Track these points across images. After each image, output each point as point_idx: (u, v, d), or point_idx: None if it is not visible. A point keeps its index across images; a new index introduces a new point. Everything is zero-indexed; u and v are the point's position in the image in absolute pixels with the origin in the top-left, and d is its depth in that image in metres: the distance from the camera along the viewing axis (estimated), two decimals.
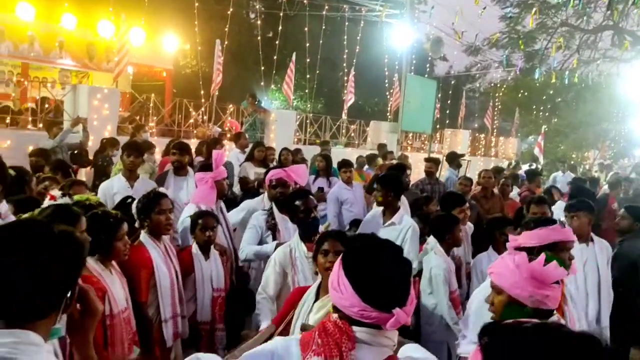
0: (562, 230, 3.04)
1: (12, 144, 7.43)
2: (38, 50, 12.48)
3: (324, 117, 15.56)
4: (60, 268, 1.37)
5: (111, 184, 5.41)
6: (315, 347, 1.58)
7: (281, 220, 4.43)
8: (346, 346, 1.55)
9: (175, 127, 11.88)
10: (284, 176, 4.61)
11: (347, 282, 1.60)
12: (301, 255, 3.57)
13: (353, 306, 1.57)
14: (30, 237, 1.36)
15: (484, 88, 29.95)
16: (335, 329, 1.59)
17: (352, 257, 1.66)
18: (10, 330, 1.30)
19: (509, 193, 8.07)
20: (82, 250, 1.46)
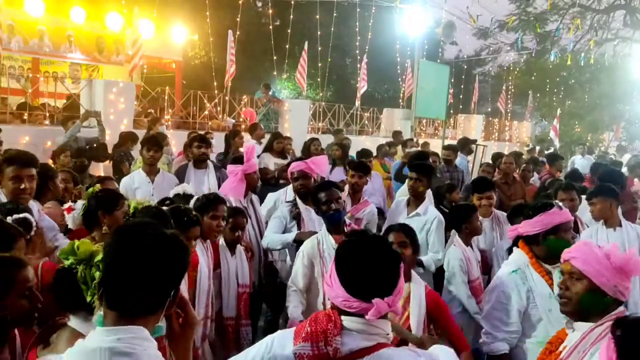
0: (560, 212, 3.06)
1: (30, 140, 7.42)
2: (48, 45, 12.44)
3: (337, 105, 15.43)
4: (170, 268, 1.50)
5: (132, 179, 5.46)
6: (304, 334, 1.72)
7: (305, 211, 4.48)
8: (331, 332, 1.68)
9: (190, 119, 11.82)
10: (305, 168, 4.62)
11: (336, 275, 1.75)
12: (329, 248, 3.56)
13: (338, 297, 1.73)
14: (148, 238, 1.49)
15: (496, 71, 29.66)
16: (324, 318, 1.73)
17: (341, 252, 1.81)
18: (127, 326, 1.41)
19: (530, 178, 7.96)
20: (188, 254, 1.58)
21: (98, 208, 3.14)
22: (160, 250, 1.48)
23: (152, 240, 1.49)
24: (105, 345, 1.37)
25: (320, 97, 19.01)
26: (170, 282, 1.51)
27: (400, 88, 18.48)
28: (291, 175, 4.67)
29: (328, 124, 14.95)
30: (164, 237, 1.52)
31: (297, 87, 19.80)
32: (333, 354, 1.66)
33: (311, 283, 3.58)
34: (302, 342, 1.70)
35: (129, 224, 1.70)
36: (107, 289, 1.45)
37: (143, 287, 1.44)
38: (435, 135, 17.63)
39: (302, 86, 14.27)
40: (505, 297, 2.96)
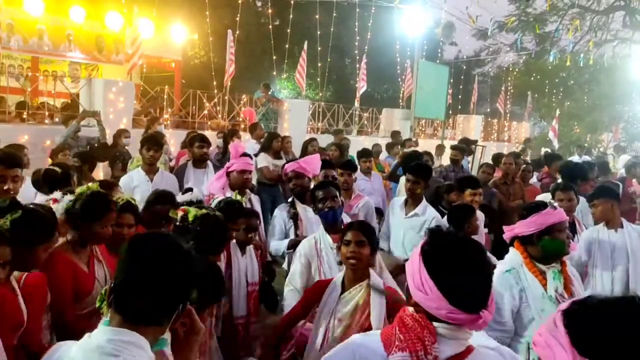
0: (554, 212, 3.05)
1: (30, 139, 7.43)
2: (48, 44, 12.44)
3: (336, 105, 15.44)
4: (183, 281, 1.51)
5: (131, 178, 5.44)
6: (399, 343, 1.61)
7: (302, 210, 4.52)
8: (429, 340, 1.58)
9: (190, 118, 11.83)
10: (297, 168, 4.67)
11: (433, 284, 1.60)
12: (326, 246, 3.59)
13: (441, 308, 1.58)
14: (163, 251, 1.51)
15: (495, 72, 29.65)
16: (415, 324, 1.62)
17: (437, 258, 1.64)
18: (122, 329, 1.42)
19: (530, 179, 7.97)
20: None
21: (90, 214, 3.00)
22: (173, 265, 1.49)
23: (167, 253, 1.50)
24: (96, 343, 1.41)
25: (319, 97, 19.01)
26: (179, 297, 1.52)
27: (399, 88, 18.49)
28: (285, 176, 4.74)
29: (327, 124, 14.96)
30: (179, 253, 1.53)
31: (296, 87, 19.80)
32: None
33: (309, 282, 3.58)
34: (399, 352, 1.60)
35: (148, 235, 1.68)
36: (117, 292, 1.47)
37: (150, 298, 1.45)
38: (435, 136, 17.66)
39: (302, 86, 14.28)
40: (499, 297, 2.97)
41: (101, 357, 1.37)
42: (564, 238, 3.02)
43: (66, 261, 2.94)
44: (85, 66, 14.39)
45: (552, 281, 2.90)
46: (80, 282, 2.97)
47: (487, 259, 1.67)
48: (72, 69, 14.12)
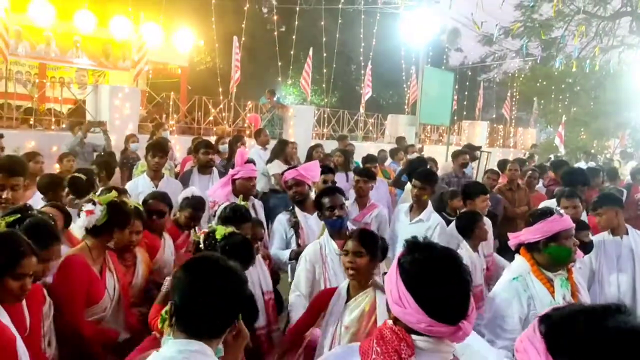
0: (561, 219, 3.03)
1: (36, 145, 7.47)
2: (55, 50, 12.52)
3: (341, 111, 15.45)
4: (238, 298, 1.71)
5: (136, 184, 5.43)
6: (375, 355, 1.60)
7: (303, 218, 4.51)
8: (406, 353, 1.57)
9: (195, 124, 11.87)
10: (297, 175, 4.63)
11: (410, 297, 1.59)
12: (331, 252, 3.58)
13: (420, 322, 1.57)
14: (222, 272, 1.71)
15: (500, 78, 29.60)
16: (393, 336, 1.60)
17: (413, 270, 1.63)
18: (190, 340, 1.60)
19: (536, 185, 7.94)
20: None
21: (115, 223, 3.11)
22: (229, 285, 1.68)
23: (223, 275, 1.70)
24: (168, 354, 1.59)
25: (324, 103, 19.04)
26: (234, 313, 1.71)
27: (404, 94, 18.50)
28: (285, 183, 4.69)
29: (332, 129, 14.97)
30: (232, 273, 1.73)
31: (301, 93, 19.83)
32: None
33: (314, 288, 3.58)
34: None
35: (203, 258, 1.84)
36: (179, 314, 1.63)
37: (212, 316, 1.64)
38: (440, 142, 17.63)
39: (307, 92, 14.31)
40: (506, 305, 2.95)
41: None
42: (571, 245, 3.00)
43: (84, 266, 2.96)
44: (92, 72, 14.47)
45: (559, 289, 2.88)
46: (94, 288, 3.00)
47: (464, 269, 1.65)
48: (79, 76, 14.19)
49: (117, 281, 3.16)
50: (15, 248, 2.16)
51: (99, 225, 3.04)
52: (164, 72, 15.56)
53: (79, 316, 2.92)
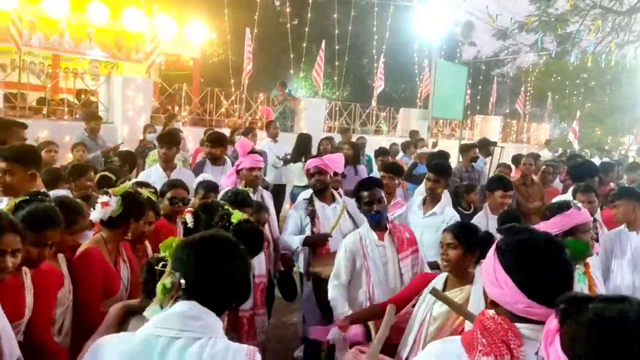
0: (578, 213, 3.00)
1: (49, 135, 7.49)
2: (68, 42, 12.57)
3: (353, 104, 15.39)
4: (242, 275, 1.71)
5: (149, 174, 5.43)
6: (482, 347, 1.54)
7: (320, 208, 4.51)
8: (514, 343, 1.51)
9: (207, 116, 11.87)
10: (321, 164, 4.61)
11: (509, 279, 1.56)
12: (371, 243, 3.58)
13: (518, 303, 1.54)
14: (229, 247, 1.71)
15: (514, 73, 29.36)
16: (498, 327, 1.55)
17: (511, 253, 1.61)
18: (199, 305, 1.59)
19: (550, 181, 7.84)
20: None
21: (130, 214, 3.11)
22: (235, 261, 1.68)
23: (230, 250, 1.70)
24: (178, 310, 1.58)
25: (336, 96, 18.97)
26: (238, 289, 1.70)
27: (417, 88, 18.38)
28: (307, 171, 4.68)
29: (345, 122, 14.92)
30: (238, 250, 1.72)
31: (313, 86, 19.78)
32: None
33: (353, 277, 3.59)
34: (483, 357, 1.53)
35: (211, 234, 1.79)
36: (188, 285, 1.61)
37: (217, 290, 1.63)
38: (452, 136, 17.51)
39: (319, 85, 14.25)
40: None
41: (185, 320, 1.55)
42: (589, 239, 2.96)
43: (100, 258, 2.96)
44: (105, 64, 14.51)
45: (577, 283, 2.84)
46: (110, 280, 2.99)
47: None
48: (92, 67, 14.24)
49: (129, 272, 3.16)
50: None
51: (115, 217, 3.03)
52: (176, 64, 15.58)
53: (94, 309, 2.90)
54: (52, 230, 2.53)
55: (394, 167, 5.53)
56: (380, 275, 3.50)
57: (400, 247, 3.55)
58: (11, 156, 3.19)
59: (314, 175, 4.57)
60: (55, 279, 2.74)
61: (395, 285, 3.50)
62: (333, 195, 4.68)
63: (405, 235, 3.61)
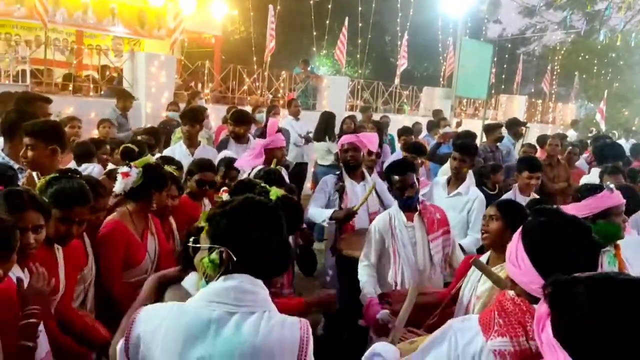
0: (610, 195, 2.95)
1: (74, 111, 7.56)
2: (92, 18, 12.62)
3: (375, 83, 15.24)
4: (285, 243, 1.73)
5: (173, 151, 5.50)
6: (498, 328, 1.54)
7: (349, 185, 4.54)
8: (531, 325, 1.46)
9: (229, 94, 11.88)
10: (356, 141, 4.62)
11: (527, 258, 1.58)
12: (400, 224, 3.56)
13: (532, 282, 1.55)
14: (274, 216, 1.70)
15: (541, 51, 28.72)
16: (515, 308, 1.55)
17: (533, 233, 1.63)
18: (250, 277, 1.60)
19: (576, 161, 7.73)
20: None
21: (152, 185, 3.15)
22: (280, 228, 1.69)
23: (275, 219, 1.70)
24: (232, 284, 1.57)
25: (358, 74, 18.79)
26: (282, 257, 1.69)
27: (440, 66, 18.11)
28: (341, 146, 4.67)
29: (367, 101, 14.80)
30: (280, 219, 1.72)
31: (335, 64, 19.61)
32: (536, 349, 1.46)
33: (382, 257, 3.60)
34: (498, 337, 1.53)
35: (253, 201, 1.76)
36: (238, 254, 1.60)
37: (266, 257, 1.63)
38: (475, 116, 17.27)
39: (342, 62, 14.12)
40: None
41: (239, 294, 1.55)
42: (620, 222, 2.92)
43: (122, 230, 3.02)
44: (128, 41, 14.56)
45: (607, 265, 2.80)
46: (132, 251, 3.05)
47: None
48: (115, 44, 14.30)
49: (157, 245, 3.21)
50: (14, 203, 2.18)
51: (136, 187, 3.08)
52: (198, 41, 15.57)
53: (116, 280, 2.99)
54: (80, 208, 2.56)
55: (416, 146, 5.50)
56: (408, 256, 3.48)
57: (430, 228, 3.52)
58: (33, 131, 3.23)
59: (348, 152, 4.59)
60: (80, 256, 2.81)
61: (425, 267, 3.49)
62: (363, 173, 4.69)
63: (436, 216, 3.58)
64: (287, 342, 1.52)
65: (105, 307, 2.96)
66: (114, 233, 2.98)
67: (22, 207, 2.19)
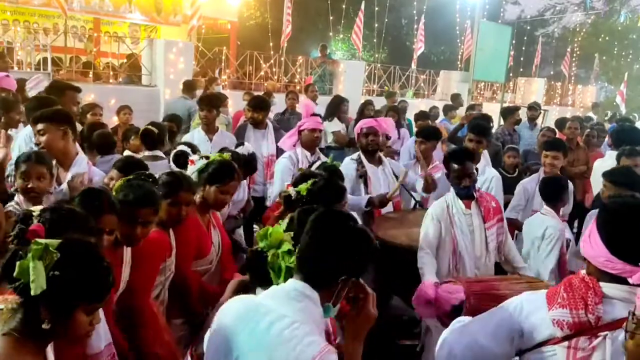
0: None
1: (95, 98, 7.66)
2: (108, 5, 12.70)
3: (392, 67, 15.15)
4: (351, 253, 1.67)
5: (192, 137, 5.54)
6: (561, 300, 1.65)
7: (371, 169, 4.52)
8: (592, 300, 1.60)
9: (246, 79, 11.91)
10: (375, 125, 4.62)
11: (598, 236, 1.65)
12: (459, 212, 3.52)
13: (599, 256, 1.63)
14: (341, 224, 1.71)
15: (560, 33, 28.24)
16: (582, 284, 1.65)
17: (608, 215, 1.69)
18: (306, 285, 1.65)
19: (595, 144, 7.65)
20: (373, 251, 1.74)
21: (207, 179, 3.22)
22: (344, 238, 1.67)
23: (342, 227, 1.70)
24: (287, 288, 1.66)
25: (374, 59, 18.68)
26: (345, 267, 1.66)
27: (457, 50, 17.93)
28: (360, 131, 4.65)
29: (383, 85, 14.73)
30: (350, 228, 1.71)
31: (351, 49, 19.52)
32: (595, 322, 1.60)
33: (439, 245, 3.55)
34: (559, 308, 1.64)
35: (331, 211, 1.82)
36: (300, 257, 1.70)
37: (322, 264, 1.65)
38: (493, 99, 17.12)
39: (358, 47, 14.06)
40: None
41: (288, 301, 1.62)
42: None
43: (195, 220, 3.09)
44: (144, 27, 14.64)
45: None
46: (203, 242, 3.13)
47: None
48: (132, 31, 14.39)
49: (220, 239, 3.29)
50: (93, 205, 2.25)
51: (203, 180, 3.21)
52: (214, 27, 15.59)
53: (187, 269, 3.04)
54: (145, 209, 2.58)
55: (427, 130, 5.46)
56: (467, 243, 3.47)
57: (487, 216, 3.52)
58: (42, 117, 3.33)
59: (369, 136, 4.57)
60: (163, 249, 2.84)
61: (482, 253, 3.50)
62: (380, 157, 4.69)
63: (491, 205, 3.57)
64: (299, 352, 1.54)
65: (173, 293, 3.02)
66: (188, 221, 3.02)
67: (100, 211, 2.27)
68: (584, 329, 1.61)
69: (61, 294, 1.55)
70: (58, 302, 1.56)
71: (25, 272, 1.52)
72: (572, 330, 1.62)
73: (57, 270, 1.54)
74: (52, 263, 1.54)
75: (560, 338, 1.64)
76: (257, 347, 1.57)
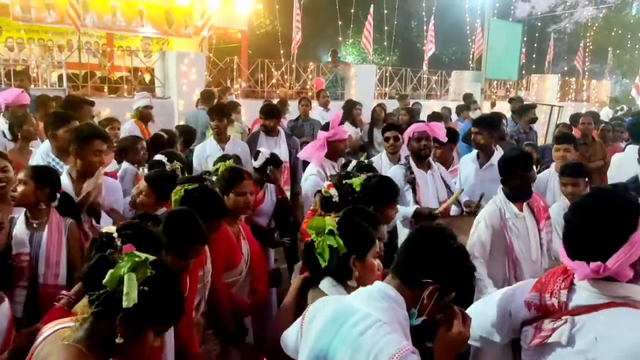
0: None
1: (111, 112, 7.77)
2: (121, 20, 12.88)
3: (403, 69, 15.14)
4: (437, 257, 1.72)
5: (204, 147, 5.58)
6: (539, 285, 1.75)
7: (420, 175, 4.45)
8: (558, 285, 1.69)
9: (259, 87, 11.99)
10: (428, 130, 4.56)
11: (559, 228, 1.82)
12: (512, 215, 3.43)
13: (562, 255, 1.70)
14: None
15: (572, 28, 27.96)
16: (560, 272, 1.73)
17: (570, 210, 1.76)
18: (390, 286, 1.71)
19: (610, 139, 7.57)
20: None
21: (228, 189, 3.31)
22: (446, 247, 1.72)
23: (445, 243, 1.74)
24: (378, 287, 1.72)
25: (385, 62, 18.67)
26: (433, 271, 1.68)
27: (468, 49, 17.85)
28: (412, 135, 4.55)
29: (397, 88, 14.70)
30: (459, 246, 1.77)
31: (361, 53, 19.53)
32: (559, 306, 1.66)
33: (496, 251, 3.45)
34: (533, 292, 1.75)
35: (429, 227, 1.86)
36: (399, 257, 1.76)
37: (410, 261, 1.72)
38: (506, 97, 17.01)
39: (369, 50, 14.07)
40: None
41: (373, 301, 1.67)
42: None
43: (224, 231, 3.11)
44: (156, 40, 14.81)
45: None
46: (233, 253, 3.16)
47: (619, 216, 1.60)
48: (144, 44, 14.57)
49: (249, 250, 3.31)
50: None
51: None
52: (225, 37, 15.71)
53: (217, 278, 3.04)
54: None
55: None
56: (524, 247, 3.39)
57: (539, 217, 3.47)
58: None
59: (421, 140, 4.49)
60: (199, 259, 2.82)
61: (537, 257, 3.44)
62: (429, 162, 4.60)
63: (540, 204, 3.52)
64: (379, 349, 1.56)
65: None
66: (219, 234, 3.02)
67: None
68: (549, 312, 1.68)
69: (144, 311, 1.52)
70: (138, 318, 1.53)
71: (115, 282, 1.50)
72: (538, 312, 1.71)
73: (147, 286, 1.52)
74: (144, 278, 1.53)
75: (532, 319, 1.75)
76: (342, 343, 1.63)
